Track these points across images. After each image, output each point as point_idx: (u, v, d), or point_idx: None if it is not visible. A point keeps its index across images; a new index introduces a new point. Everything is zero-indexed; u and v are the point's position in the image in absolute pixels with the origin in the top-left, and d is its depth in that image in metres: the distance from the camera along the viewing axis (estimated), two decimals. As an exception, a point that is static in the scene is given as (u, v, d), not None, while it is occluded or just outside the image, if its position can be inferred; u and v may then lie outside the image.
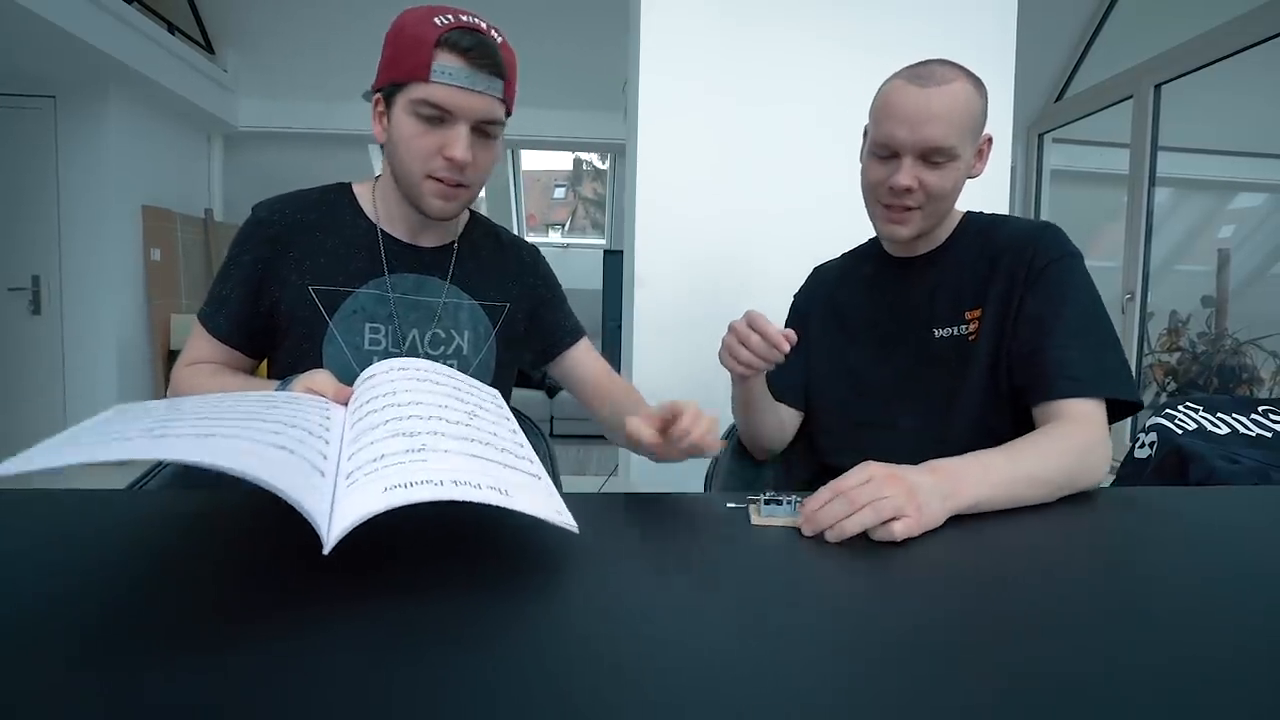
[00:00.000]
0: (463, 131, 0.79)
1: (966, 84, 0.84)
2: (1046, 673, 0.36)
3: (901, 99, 0.84)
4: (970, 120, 0.84)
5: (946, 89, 0.82)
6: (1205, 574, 0.53)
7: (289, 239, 0.87)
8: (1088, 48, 3.59)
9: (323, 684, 0.34)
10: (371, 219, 0.91)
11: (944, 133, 0.82)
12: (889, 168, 0.86)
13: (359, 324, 0.87)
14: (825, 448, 1.01)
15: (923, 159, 0.84)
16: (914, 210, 0.87)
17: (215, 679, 0.34)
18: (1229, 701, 0.34)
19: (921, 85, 0.82)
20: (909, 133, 0.83)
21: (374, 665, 0.36)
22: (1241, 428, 1.69)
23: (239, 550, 0.55)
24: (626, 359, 1.64)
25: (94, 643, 0.38)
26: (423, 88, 0.77)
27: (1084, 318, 0.82)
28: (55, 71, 3.35)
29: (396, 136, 0.81)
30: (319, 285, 0.86)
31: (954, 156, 0.84)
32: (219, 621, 0.41)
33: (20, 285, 3.56)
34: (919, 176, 0.84)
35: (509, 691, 0.34)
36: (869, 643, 0.41)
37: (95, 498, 0.69)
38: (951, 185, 0.86)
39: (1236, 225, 3.89)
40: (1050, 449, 0.71)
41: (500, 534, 0.61)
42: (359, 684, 0.34)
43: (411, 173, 0.82)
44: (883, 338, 0.96)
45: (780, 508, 0.64)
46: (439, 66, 0.76)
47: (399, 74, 0.79)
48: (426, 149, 0.80)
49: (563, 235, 6.41)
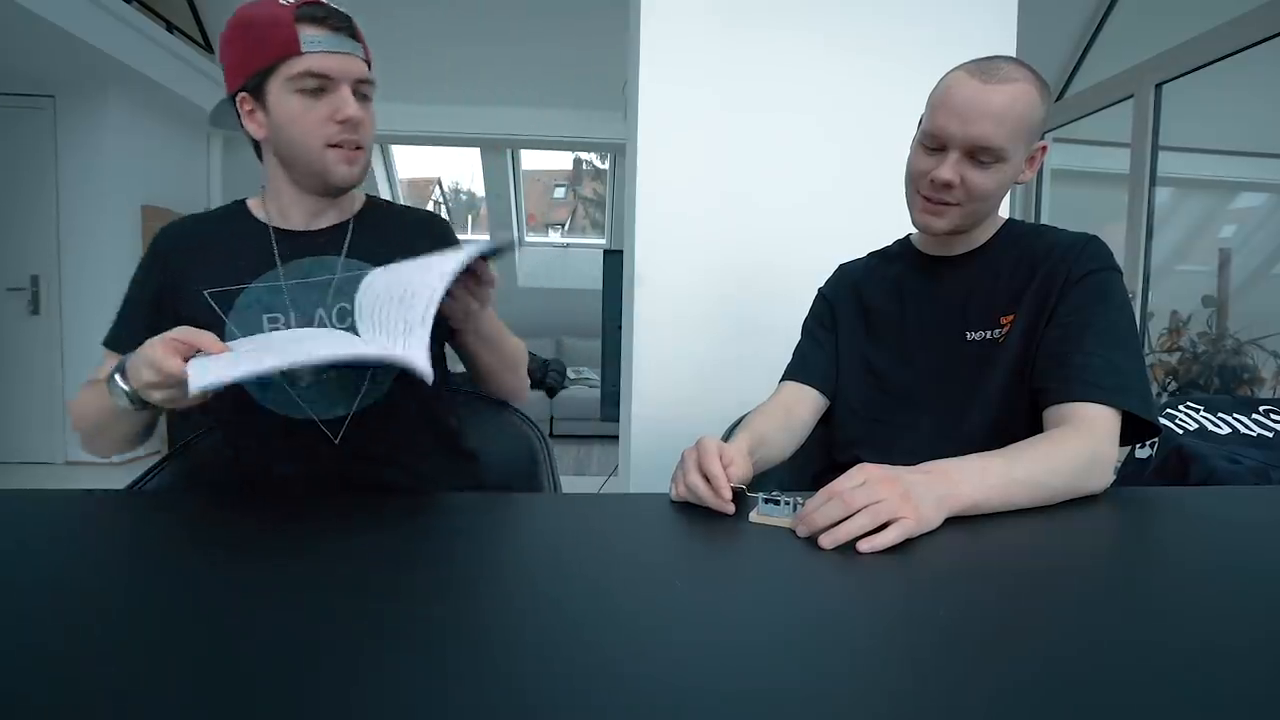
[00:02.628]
0: (346, 93, 0.81)
1: (1029, 86, 0.81)
2: (1047, 673, 0.36)
3: (958, 91, 0.81)
4: (1025, 124, 0.81)
5: (1005, 88, 0.79)
6: (1206, 574, 0.53)
7: (185, 252, 0.91)
8: (1088, 47, 3.59)
9: (323, 684, 0.34)
10: (263, 221, 0.93)
11: (994, 132, 0.79)
12: (934, 159, 0.84)
13: (256, 317, 0.89)
14: (840, 443, 1.00)
15: (970, 156, 0.82)
16: (952, 206, 0.85)
17: (214, 678, 0.34)
18: (1231, 701, 0.34)
19: (983, 80, 0.80)
20: (959, 127, 0.80)
21: (374, 665, 0.36)
22: (1242, 428, 1.69)
23: (237, 550, 0.55)
24: (627, 359, 1.63)
25: (93, 643, 0.38)
26: (297, 61, 0.79)
27: (1114, 331, 0.80)
28: (54, 71, 3.34)
29: (283, 119, 0.82)
30: (213, 289, 0.88)
31: (1002, 158, 0.81)
32: (218, 622, 0.41)
33: (19, 285, 3.56)
34: (963, 173, 0.82)
35: (507, 689, 0.34)
36: (864, 643, 0.40)
37: (93, 498, 0.69)
38: (995, 187, 0.83)
39: (1238, 225, 3.88)
40: (1054, 454, 0.70)
41: (500, 533, 0.61)
42: (359, 684, 0.34)
43: (310, 148, 0.83)
44: (911, 338, 0.94)
45: (778, 508, 0.64)
46: (306, 37, 0.78)
47: (265, 59, 0.80)
48: (317, 119, 0.81)
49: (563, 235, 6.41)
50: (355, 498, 0.67)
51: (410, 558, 0.53)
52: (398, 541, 0.57)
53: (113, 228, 3.58)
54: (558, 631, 0.41)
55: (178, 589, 0.46)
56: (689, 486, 0.68)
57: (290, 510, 0.66)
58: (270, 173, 0.91)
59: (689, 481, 0.68)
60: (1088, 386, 0.77)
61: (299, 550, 0.56)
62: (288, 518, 0.63)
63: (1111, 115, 3.30)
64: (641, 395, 1.58)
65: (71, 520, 0.62)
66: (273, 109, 0.82)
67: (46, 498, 0.68)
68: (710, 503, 0.66)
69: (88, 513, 0.65)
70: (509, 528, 0.63)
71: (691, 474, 0.68)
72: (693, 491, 0.67)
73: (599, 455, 4.25)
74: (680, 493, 0.69)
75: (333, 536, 0.58)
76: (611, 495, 0.78)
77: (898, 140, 0.91)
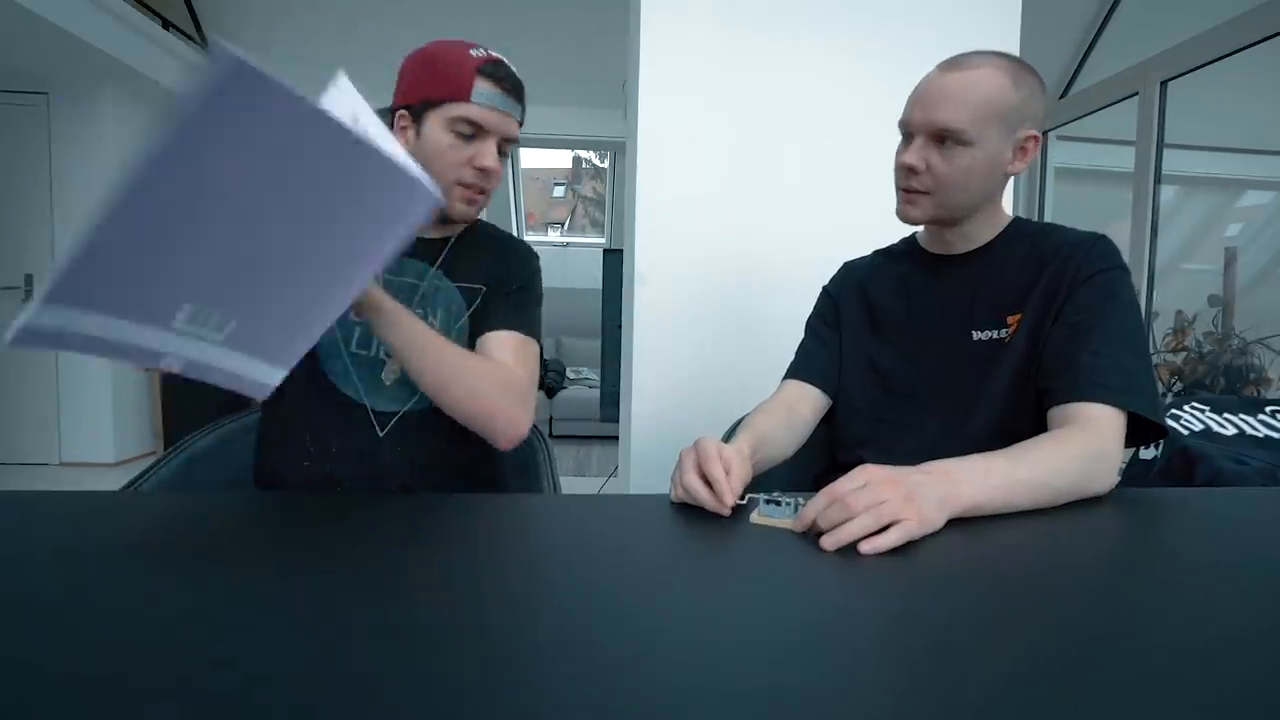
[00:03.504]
0: (492, 146, 0.90)
1: (994, 71, 0.81)
2: (1049, 674, 0.36)
3: (924, 84, 0.85)
4: (992, 107, 0.81)
5: (967, 73, 0.81)
6: (1212, 576, 0.52)
7: None
8: (1093, 44, 3.58)
9: (323, 683, 0.34)
10: None
11: (953, 115, 0.80)
12: (904, 149, 0.87)
13: None
14: (844, 443, 0.99)
15: (935, 140, 0.83)
16: (923, 194, 0.86)
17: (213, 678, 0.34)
18: (1238, 703, 0.34)
19: (944, 70, 0.83)
20: (920, 113, 0.83)
21: (372, 665, 0.36)
22: (1249, 428, 1.68)
23: (233, 552, 0.54)
24: (627, 358, 1.63)
25: (91, 644, 0.38)
26: (462, 106, 0.87)
27: (1122, 331, 0.80)
28: (48, 68, 3.33)
29: (430, 148, 0.89)
30: None
31: (964, 141, 0.81)
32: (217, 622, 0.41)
33: (13, 284, 3.54)
34: (927, 158, 0.84)
35: (506, 689, 0.34)
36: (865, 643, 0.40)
37: (90, 499, 0.69)
38: (963, 172, 0.83)
39: (1244, 224, 3.88)
40: (1058, 454, 0.69)
41: (500, 534, 0.60)
42: (359, 683, 0.34)
43: (443, 181, 0.89)
44: (916, 337, 0.94)
45: (779, 509, 0.64)
46: (479, 90, 0.87)
47: (438, 93, 0.88)
48: (458, 159, 0.89)
49: (562, 234, 6.41)
50: (355, 497, 0.66)
51: (409, 558, 0.53)
52: (396, 542, 0.57)
53: (109, 226, 3.57)
54: (557, 632, 0.40)
55: (173, 591, 0.46)
56: (686, 487, 0.66)
57: (286, 510, 0.65)
58: None
59: (686, 482, 0.67)
60: (1094, 387, 0.76)
61: (296, 550, 0.55)
62: (283, 518, 0.63)
63: (1116, 113, 3.29)
64: (641, 395, 1.58)
65: (66, 522, 0.62)
66: (425, 136, 0.89)
67: (43, 499, 0.68)
68: (709, 506, 0.65)
69: (84, 513, 0.64)
70: (508, 528, 0.63)
71: (689, 474, 0.67)
72: (690, 493, 0.66)
73: (599, 456, 4.24)
74: (678, 495, 0.68)
75: (330, 536, 0.58)
76: (611, 496, 0.77)
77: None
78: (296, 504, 0.68)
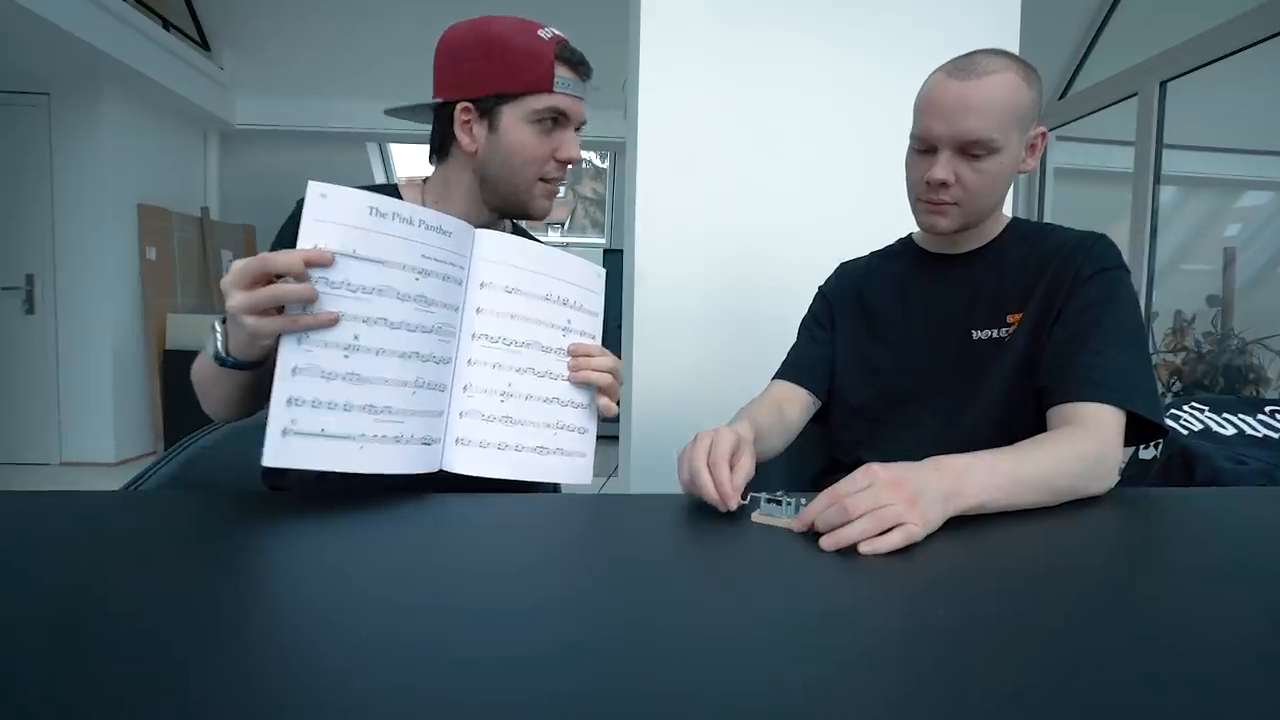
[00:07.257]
0: (574, 134, 0.86)
1: (1011, 74, 0.81)
2: (1050, 675, 0.36)
3: (939, 93, 0.82)
4: (1013, 112, 0.81)
5: (986, 80, 0.80)
6: (1212, 576, 0.52)
7: None
8: (1092, 45, 3.58)
9: (323, 683, 0.34)
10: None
11: (982, 125, 0.80)
12: (928, 161, 0.85)
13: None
14: (843, 443, 0.99)
15: (961, 152, 0.82)
16: (952, 205, 0.85)
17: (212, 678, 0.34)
18: (1238, 705, 0.34)
19: (961, 79, 0.81)
20: (945, 126, 0.81)
21: (370, 664, 0.35)
22: (1248, 428, 1.68)
23: (233, 551, 0.54)
24: (627, 358, 1.62)
25: (90, 645, 0.37)
26: (547, 98, 0.82)
27: (1122, 331, 0.80)
28: (50, 68, 3.33)
29: (512, 145, 0.83)
30: None
31: (994, 149, 0.81)
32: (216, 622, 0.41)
33: (14, 285, 3.54)
34: (957, 170, 0.83)
35: (506, 689, 0.33)
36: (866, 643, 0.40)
37: (91, 499, 0.69)
38: (993, 179, 0.83)
39: (1243, 224, 3.88)
40: (1060, 454, 0.69)
41: (500, 533, 0.60)
42: (358, 683, 0.34)
43: (525, 178, 0.86)
44: (914, 337, 0.94)
45: (780, 508, 0.63)
46: (560, 78, 0.82)
47: (515, 85, 0.81)
48: (542, 153, 0.84)
49: (562, 234, 6.41)
50: (355, 497, 0.66)
51: (408, 558, 0.53)
52: (396, 541, 0.56)
53: (108, 227, 3.57)
54: (557, 631, 0.40)
55: (173, 591, 0.46)
56: (695, 477, 0.65)
57: (287, 510, 0.65)
58: (450, 176, 0.90)
59: (695, 467, 0.65)
60: (1094, 387, 0.76)
61: (296, 550, 0.55)
62: (284, 518, 0.63)
63: (1115, 113, 3.29)
64: (642, 395, 1.57)
65: (66, 522, 0.61)
66: (503, 133, 0.83)
67: (42, 500, 0.67)
68: (711, 499, 0.64)
69: (83, 515, 0.64)
70: (508, 528, 0.63)
71: (701, 472, 0.65)
72: (697, 484, 0.65)
73: (599, 456, 4.23)
74: (684, 479, 0.67)
75: (331, 534, 0.58)
76: (611, 495, 0.77)
77: (898, 140, 0.91)
78: (297, 504, 0.68)
